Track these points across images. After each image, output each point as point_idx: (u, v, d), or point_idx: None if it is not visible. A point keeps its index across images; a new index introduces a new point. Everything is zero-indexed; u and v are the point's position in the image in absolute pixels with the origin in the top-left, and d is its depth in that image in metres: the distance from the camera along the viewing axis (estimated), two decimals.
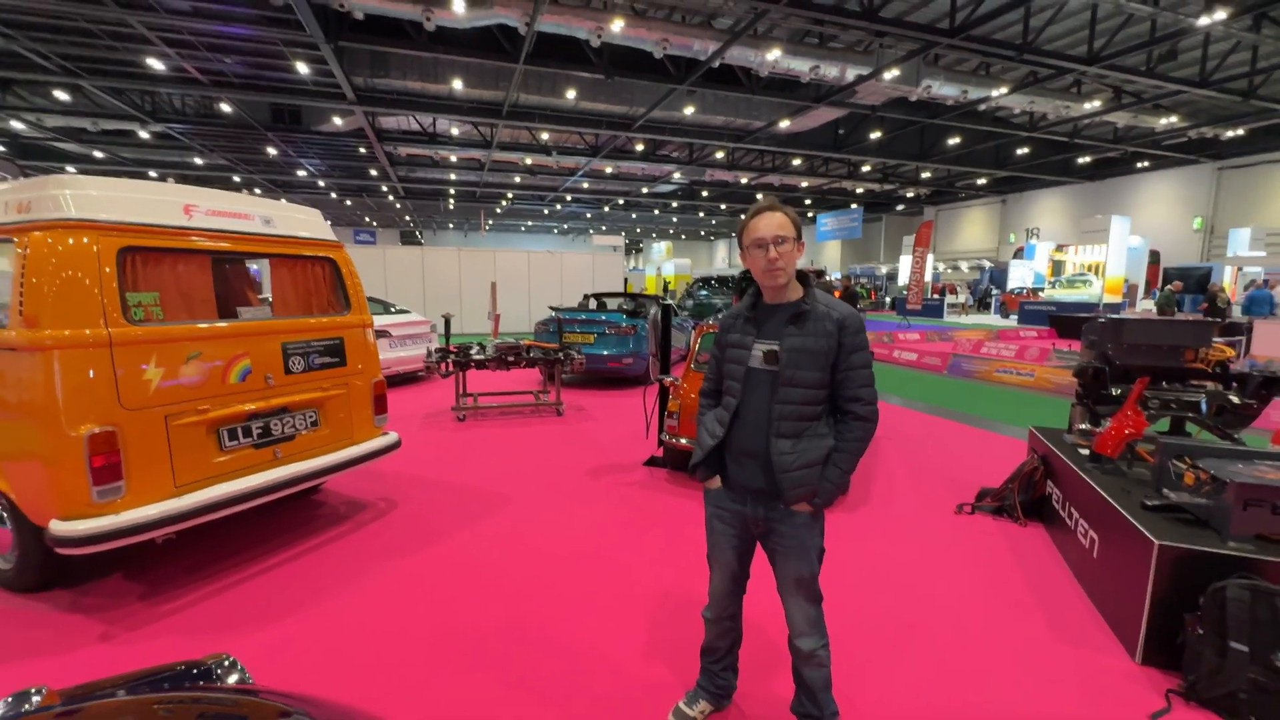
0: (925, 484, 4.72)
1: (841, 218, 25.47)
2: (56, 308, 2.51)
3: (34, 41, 12.80)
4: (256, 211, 3.31)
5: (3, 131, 19.92)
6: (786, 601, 1.94)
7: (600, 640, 2.63)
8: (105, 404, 2.58)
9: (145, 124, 17.81)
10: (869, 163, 22.25)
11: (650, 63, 13.55)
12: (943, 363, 10.42)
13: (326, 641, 2.59)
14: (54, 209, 2.59)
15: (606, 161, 22.29)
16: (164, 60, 13.74)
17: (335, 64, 12.73)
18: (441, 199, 31.03)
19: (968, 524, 3.97)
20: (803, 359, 1.79)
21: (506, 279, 16.70)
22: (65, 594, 2.91)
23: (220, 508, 2.93)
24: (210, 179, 26.46)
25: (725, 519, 1.99)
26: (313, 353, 3.45)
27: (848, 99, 15.40)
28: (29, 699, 1.04)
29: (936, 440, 6.06)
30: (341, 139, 19.66)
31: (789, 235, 1.80)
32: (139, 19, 11.16)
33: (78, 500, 2.53)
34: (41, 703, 1.04)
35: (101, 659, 2.42)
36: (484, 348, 6.55)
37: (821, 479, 1.81)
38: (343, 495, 4.31)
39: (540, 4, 10.26)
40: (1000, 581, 3.21)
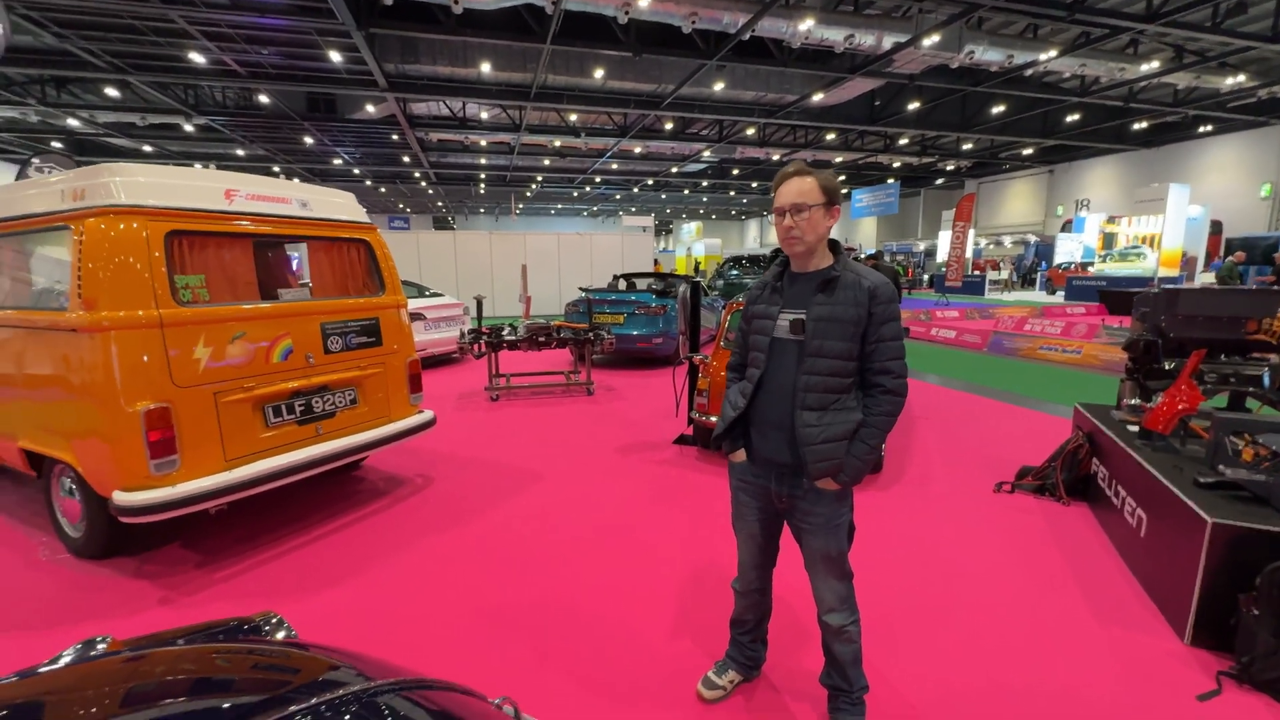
0: (962, 463, 4.61)
1: (877, 193, 24.68)
2: (112, 290, 2.63)
3: (85, 40, 13.29)
4: (294, 195, 3.40)
5: (60, 128, 20.85)
6: (814, 578, 1.92)
7: (628, 615, 2.67)
8: (159, 382, 2.71)
9: (189, 117, 18.38)
10: (907, 135, 21.52)
11: (679, 38, 13.29)
12: (982, 340, 10.09)
13: (364, 613, 2.70)
14: (106, 196, 2.71)
15: (635, 141, 22.07)
16: (205, 54, 14.11)
17: (366, 51, 12.86)
18: (472, 184, 31.27)
19: (1007, 503, 3.87)
20: (831, 328, 1.75)
21: (537, 261, 16.80)
22: (129, 561, 3.10)
23: (267, 481, 3.06)
24: (251, 169, 27.22)
25: (749, 491, 1.97)
26: (350, 333, 3.55)
27: (884, 69, 14.85)
28: (95, 646, 1.11)
29: (974, 419, 5.90)
30: (375, 126, 19.94)
31: (809, 203, 1.74)
32: (180, 13, 11.47)
33: (137, 473, 2.68)
34: (106, 649, 1.12)
35: (162, 620, 2.58)
36: (515, 329, 6.63)
37: (848, 454, 1.77)
38: (382, 471, 4.45)
39: None
40: (1040, 560, 3.13)
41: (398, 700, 0.93)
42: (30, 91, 16.64)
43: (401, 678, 1.03)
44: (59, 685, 0.94)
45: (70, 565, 3.07)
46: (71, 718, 0.82)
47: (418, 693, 0.99)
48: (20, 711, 0.82)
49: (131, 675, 0.97)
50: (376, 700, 0.88)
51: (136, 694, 0.90)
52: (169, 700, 0.89)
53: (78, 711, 0.84)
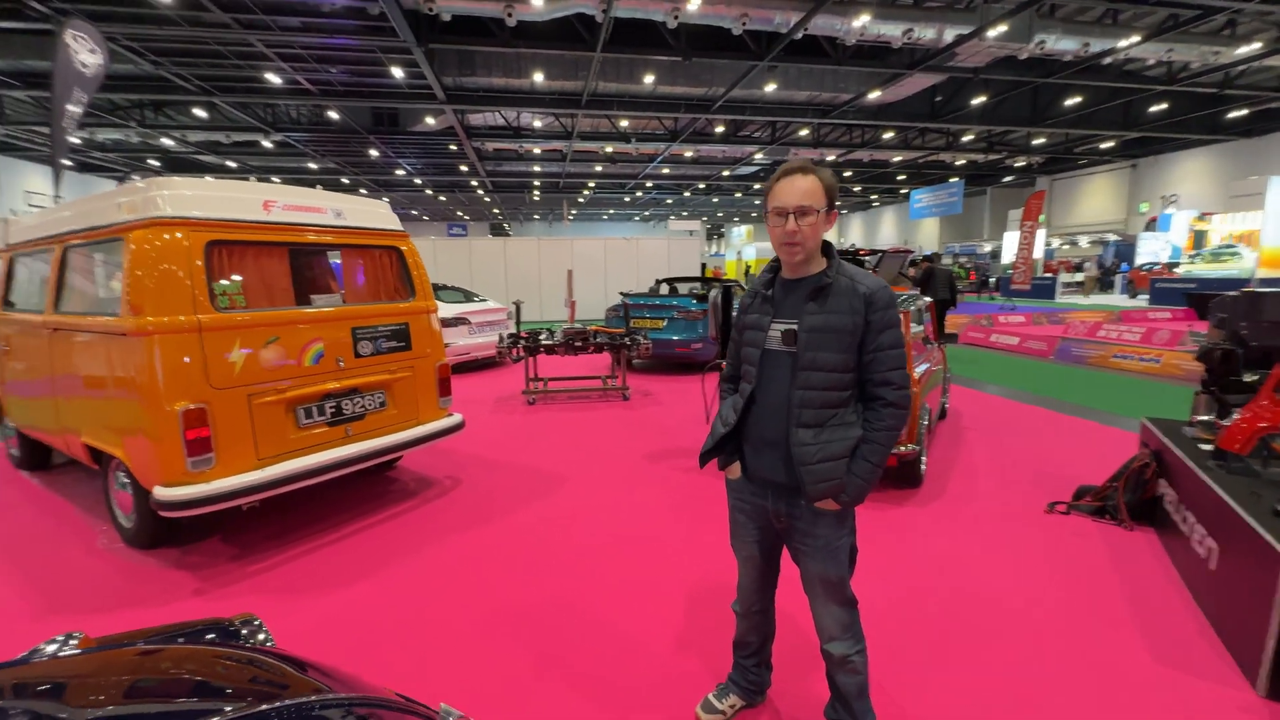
0: (1013, 479, 4.30)
1: (939, 192, 23.64)
2: (156, 297, 2.81)
3: (177, 66, 14.47)
4: (329, 205, 3.54)
5: (157, 147, 22.72)
6: (814, 603, 1.80)
7: (637, 625, 2.61)
8: (197, 383, 2.87)
9: (268, 134, 19.69)
10: (971, 131, 20.49)
11: (729, 40, 13.16)
12: (1049, 347, 9.43)
13: (385, 609, 2.75)
14: (153, 208, 2.89)
15: (686, 145, 22.01)
16: (280, 74, 15.07)
17: (426, 66, 13.37)
18: (526, 191, 32.02)
19: (1061, 525, 3.56)
20: (824, 339, 1.63)
21: (584, 266, 16.99)
22: (172, 552, 3.29)
23: (298, 480, 3.19)
24: (323, 182, 28.86)
25: (746, 511, 1.87)
26: (380, 337, 3.66)
27: (946, 63, 14.20)
28: (67, 643, 1.16)
29: (1031, 431, 5.50)
30: (434, 138, 20.75)
31: (815, 206, 1.61)
32: (258, 37, 12.31)
33: (176, 469, 2.84)
34: (77, 646, 1.16)
35: (193, 611, 2.71)
36: (553, 333, 6.69)
37: (848, 474, 1.64)
38: (413, 472, 4.57)
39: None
40: (1095, 591, 2.86)
41: (327, 713, 0.91)
42: (131, 114, 18.24)
43: (346, 693, 1.02)
44: (15, 679, 0.97)
45: (122, 554, 3.29)
46: (15, 711, 0.84)
47: (354, 709, 0.98)
48: None
49: (80, 674, 1.00)
50: (306, 714, 0.87)
51: (77, 692, 0.93)
52: (101, 699, 0.90)
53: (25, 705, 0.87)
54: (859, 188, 32.94)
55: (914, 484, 4.07)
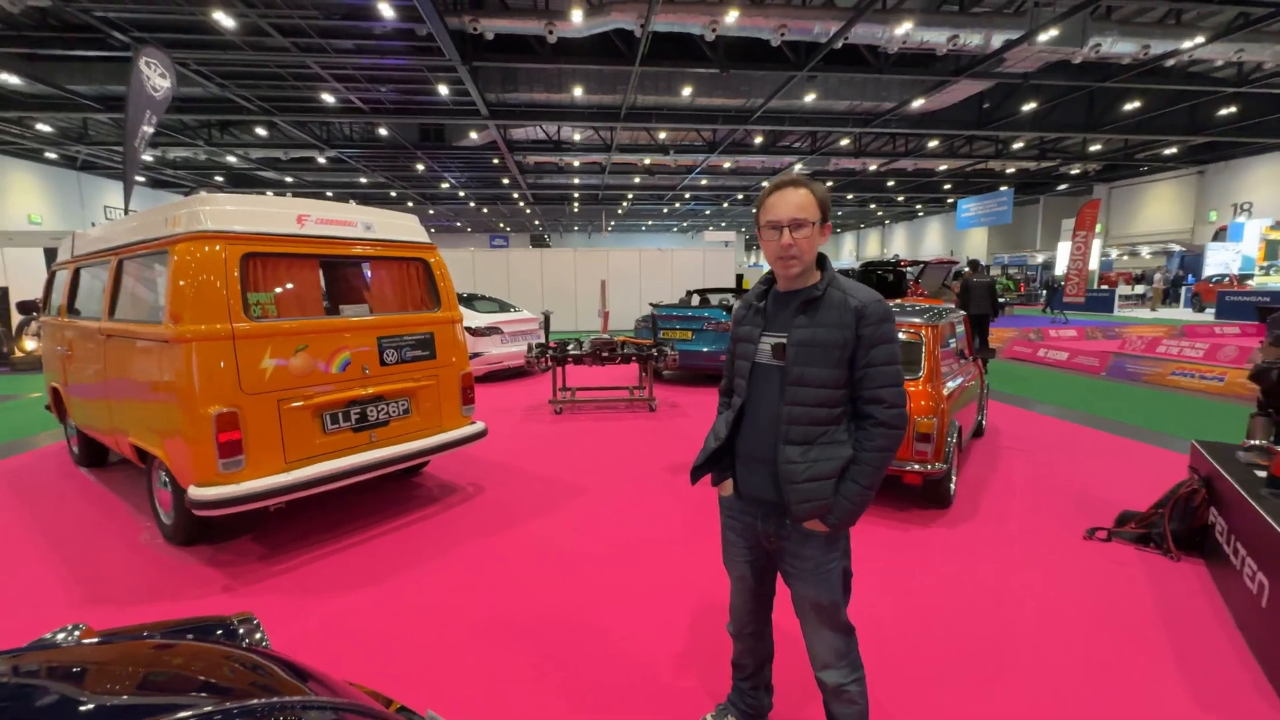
0: (1052, 502, 4.09)
1: (987, 201, 22.85)
2: (194, 306, 2.97)
3: (240, 88, 15.37)
4: (359, 218, 3.68)
5: (222, 164, 24.13)
6: (805, 628, 1.75)
7: (639, 640, 2.59)
8: (229, 389, 3.01)
9: (322, 150, 20.68)
10: (1022, 138, 19.78)
11: (767, 51, 13.12)
12: (1100, 363, 8.96)
13: (395, 614, 2.82)
14: (195, 222, 3.07)
15: (725, 157, 21.99)
16: (334, 94, 15.82)
17: (470, 83, 13.80)
18: (566, 203, 32.55)
19: (1100, 553, 3.37)
20: (813, 354, 1.59)
21: (619, 277, 17.13)
22: (207, 549, 3.45)
23: (323, 483, 3.30)
24: (373, 195, 30.07)
25: (737, 529, 1.83)
26: (405, 346, 3.77)
27: (994, 69, 13.80)
28: (71, 633, 1.23)
29: (1074, 451, 5.22)
30: (478, 152, 21.38)
31: (809, 219, 1.59)
32: (315, 59, 12.98)
33: (208, 470, 2.98)
34: (80, 637, 1.23)
35: (219, 606, 2.84)
36: (581, 343, 6.76)
37: (837, 494, 1.60)
38: (438, 478, 4.67)
39: (654, 4, 10.33)
40: (1134, 625, 2.68)
41: (306, 714, 0.94)
42: (199, 134, 19.45)
43: (320, 698, 1.05)
44: (17, 665, 1.04)
45: (161, 549, 3.46)
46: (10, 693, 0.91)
47: (328, 713, 1.01)
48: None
49: (75, 663, 1.06)
50: (279, 713, 0.90)
51: (69, 679, 0.98)
52: (89, 687, 0.95)
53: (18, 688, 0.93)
54: (902, 197, 32.19)
55: (942, 504, 3.92)
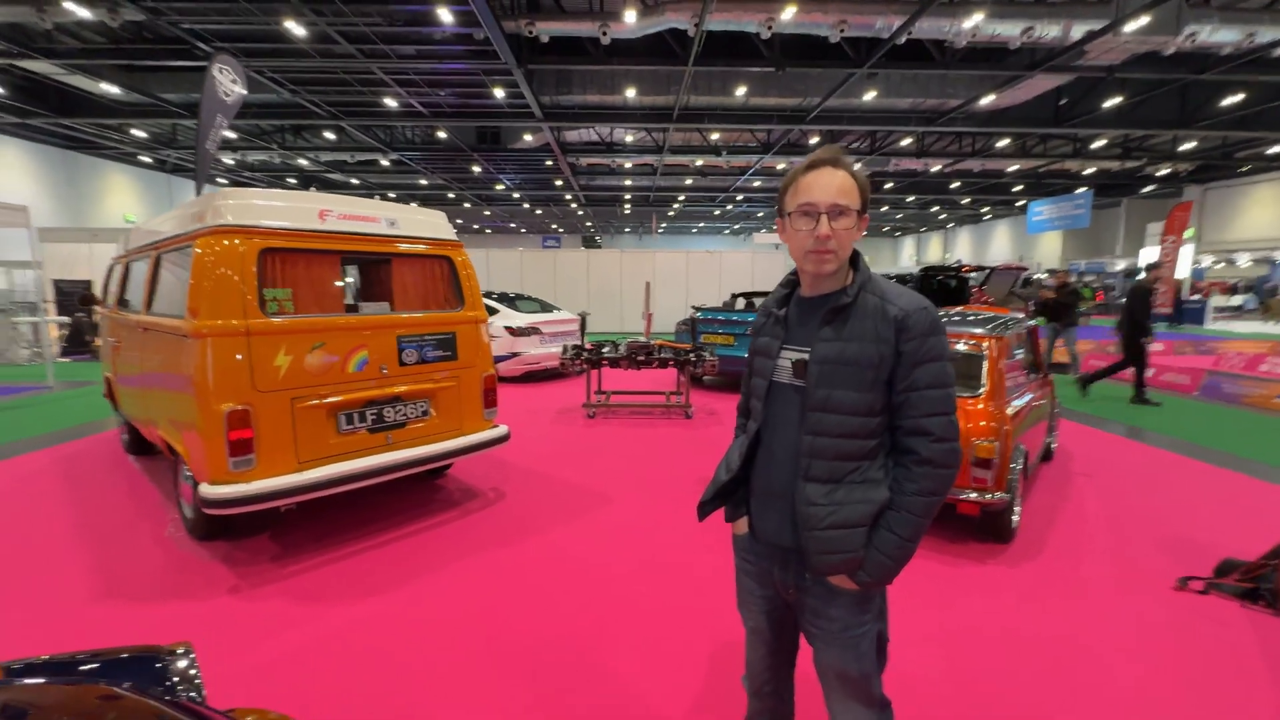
0: (1133, 541, 3.59)
1: (1062, 204, 21.35)
2: (210, 301, 2.94)
3: (310, 94, 16.08)
4: (383, 214, 3.61)
5: (295, 167, 25.40)
6: (829, 700, 1.45)
7: (646, 672, 2.35)
8: (242, 386, 2.97)
9: (385, 154, 21.44)
10: (1103, 136, 18.36)
11: (825, 48, 12.64)
12: (1193, 382, 8.06)
13: (396, 627, 2.68)
14: (218, 217, 3.05)
15: (779, 158, 21.41)
16: (396, 98, 16.32)
17: (525, 86, 13.93)
18: (618, 204, 32.59)
19: (1195, 607, 2.89)
20: (841, 373, 1.30)
21: (666, 279, 16.94)
22: (225, 545, 3.44)
23: (336, 485, 3.22)
24: (432, 197, 30.99)
25: (753, 575, 1.54)
26: (425, 346, 3.67)
27: (1073, 62, 12.82)
28: None
29: (1161, 482, 4.63)
30: (532, 154, 21.64)
31: (852, 206, 1.29)
32: (378, 65, 13.42)
33: (220, 468, 2.94)
34: None
35: (222, 609, 2.79)
36: (617, 346, 6.57)
37: (870, 546, 1.30)
38: (461, 481, 4.56)
39: (709, 2, 10.10)
40: (1234, 695, 2.24)
41: None
42: (274, 138, 20.51)
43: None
44: None
45: (181, 544, 3.47)
46: None
47: None
48: None
49: None
50: None
51: None
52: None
53: None
54: (968, 200, 30.58)
55: (1002, 539, 3.49)
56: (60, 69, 13.70)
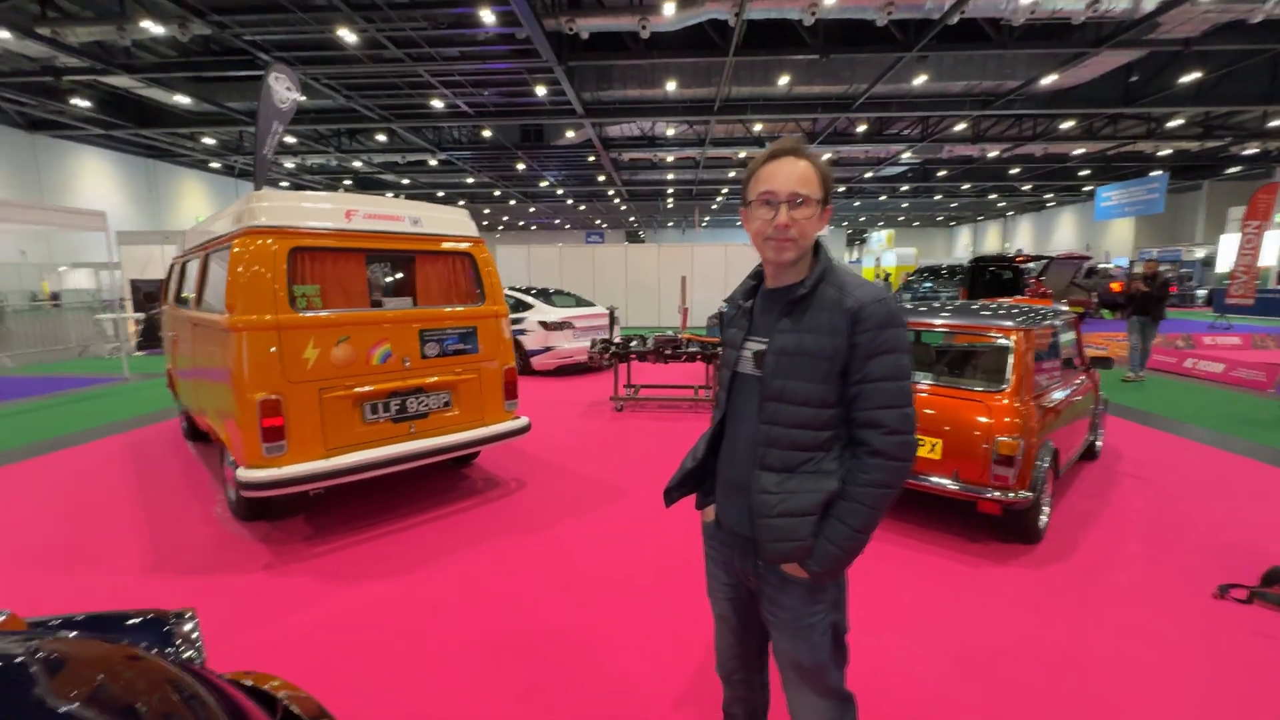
0: (1176, 546, 3.37)
1: (1134, 189, 19.99)
2: (245, 297, 3.15)
3: (363, 98, 16.78)
4: (406, 213, 3.76)
5: (350, 169, 26.55)
6: (786, 688, 1.46)
7: (640, 666, 2.39)
8: (274, 377, 3.16)
9: (434, 154, 22.15)
10: (1181, 114, 17.07)
11: (871, 32, 12.25)
12: (1269, 378, 7.44)
13: (409, 606, 2.82)
14: (253, 218, 3.25)
15: (825, 147, 20.91)
16: (443, 99, 16.82)
17: (566, 83, 14.12)
18: (660, 199, 32.56)
19: (1235, 618, 2.70)
20: (796, 364, 1.31)
21: (704, 273, 16.85)
22: (264, 525, 3.68)
23: (361, 471, 3.40)
24: (478, 194, 31.79)
25: (717, 562, 1.57)
26: (447, 339, 3.81)
27: (1145, 35, 11.99)
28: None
29: (1217, 485, 4.32)
30: (574, 150, 21.90)
31: (812, 195, 1.29)
32: (425, 68, 13.89)
33: (254, 453, 3.15)
34: (3, 624, 1.25)
35: (255, 584, 3.00)
36: (645, 340, 6.61)
37: (820, 536, 1.30)
38: (485, 471, 4.71)
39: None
40: (1272, 715, 2.10)
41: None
42: (330, 142, 21.49)
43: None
44: None
45: (226, 523, 3.74)
46: None
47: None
48: None
49: None
50: None
51: None
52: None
53: None
54: (1029, 186, 29.02)
55: (1029, 539, 3.35)
56: (138, 83, 14.77)
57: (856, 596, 2.84)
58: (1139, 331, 8.25)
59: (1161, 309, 8.09)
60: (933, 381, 3.60)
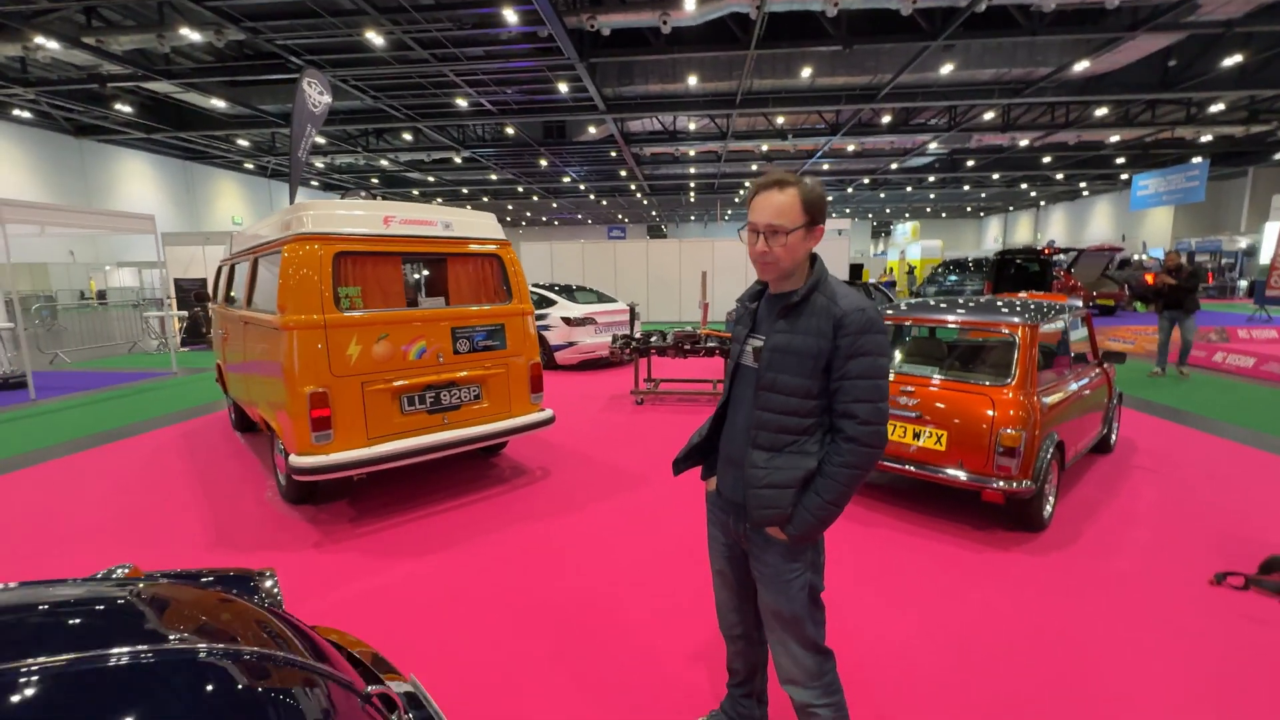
0: (1181, 537, 3.46)
1: (1172, 176, 19.41)
2: (295, 299, 3.43)
3: (390, 98, 17.19)
4: (439, 218, 4.01)
5: (377, 168, 27.16)
6: (770, 637, 1.70)
7: (659, 633, 2.61)
8: (321, 371, 3.45)
9: (458, 151, 22.55)
10: (1223, 99, 16.51)
11: (896, 21, 12.17)
12: None
13: (444, 581, 3.08)
14: (300, 225, 3.53)
15: (848, 139, 20.75)
16: (467, 98, 17.15)
17: (588, 79, 14.30)
18: (683, 193, 32.57)
19: (1229, 604, 2.80)
20: (787, 360, 1.54)
21: (726, 267, 16.93)
22: (311, 509, 3.99)
23: (399, 459, 3.67)
24: (502, 190, 32.20)
25: (716, 524, 1.84)
26: (477, 336, 4.06)
27: (1184, 18, 11.69)
28: (116, 571, 1.51)
29: (1233, 479, 4.35)
30: (596, 146, 22.09)
31: (786, 226, 1.49)
32: (450, 67, 14.20)
33: (305, 441, 3.44)
34: (127, 575, 1.52)
35: (308, 559, 3.29)
36: (665, 335, 6.80)
37: (798, 506, 1.54)
38: (512, 460, 4.97)
39: None
40: (1263, 698, 2.21)
41: (257, 664, 1.09)
42: (359, 142, 22.04)
43: (297, 658, 1.20)
44: (62, 594, 1.30)
45: (277, 506, 4.06)
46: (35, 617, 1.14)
47: (283, 668, 1.15)
48: (18, 608, 1.18)
49: (103, 598, 1.31)
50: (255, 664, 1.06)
51: (100, 605, 1.22)
52: (106, 617, 1.17)
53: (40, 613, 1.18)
54: (1061, 175, 28.28)
55: (1032, 527, 3.47)
56: (177, 88, 15.40)
57: (861, 577, 3.02)
58: (1170, 326, 8.04)
59: (1193, 300, 7.79)
60: (941, 376, 3.73)
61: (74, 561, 3.34)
